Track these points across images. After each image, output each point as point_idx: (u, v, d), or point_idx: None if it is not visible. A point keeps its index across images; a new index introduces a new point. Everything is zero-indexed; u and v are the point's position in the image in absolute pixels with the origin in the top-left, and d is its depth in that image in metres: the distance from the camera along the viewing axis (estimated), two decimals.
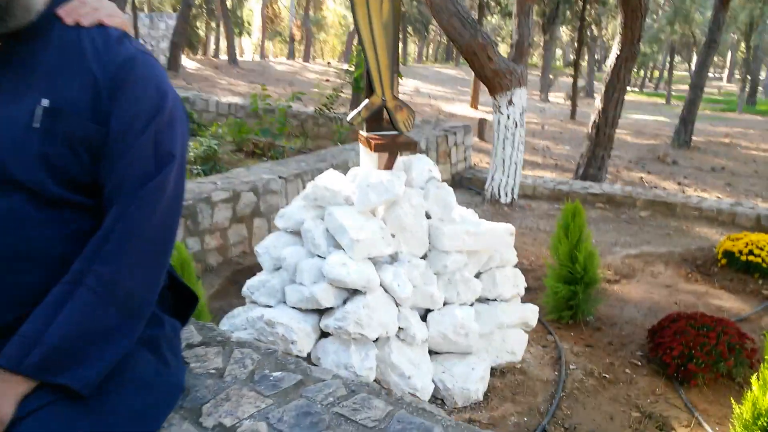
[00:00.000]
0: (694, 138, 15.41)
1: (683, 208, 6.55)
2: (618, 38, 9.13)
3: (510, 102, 6.71)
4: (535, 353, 3.67)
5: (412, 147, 3.38)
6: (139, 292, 1.22)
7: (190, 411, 1.38)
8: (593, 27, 21.14)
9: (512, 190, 6.87)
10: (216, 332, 1.78)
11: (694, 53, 37.52)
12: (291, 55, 37.65)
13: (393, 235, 3.24)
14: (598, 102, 9.40)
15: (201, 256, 4.71)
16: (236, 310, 3.60)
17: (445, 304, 3.31)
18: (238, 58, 29.95)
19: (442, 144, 7.66)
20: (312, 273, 3.12)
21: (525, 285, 3.61)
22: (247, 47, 48.53)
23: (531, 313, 3.50)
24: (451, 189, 3.43)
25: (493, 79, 6.61)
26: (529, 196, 7.33)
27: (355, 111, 3.40)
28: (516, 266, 3.66)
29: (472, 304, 3.38)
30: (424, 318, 3.27)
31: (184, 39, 21.19)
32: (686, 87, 39.07)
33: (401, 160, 3.53)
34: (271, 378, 1.54)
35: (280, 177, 5.43)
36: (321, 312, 3.15)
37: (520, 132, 6.83)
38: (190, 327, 1.78)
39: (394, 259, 3.27)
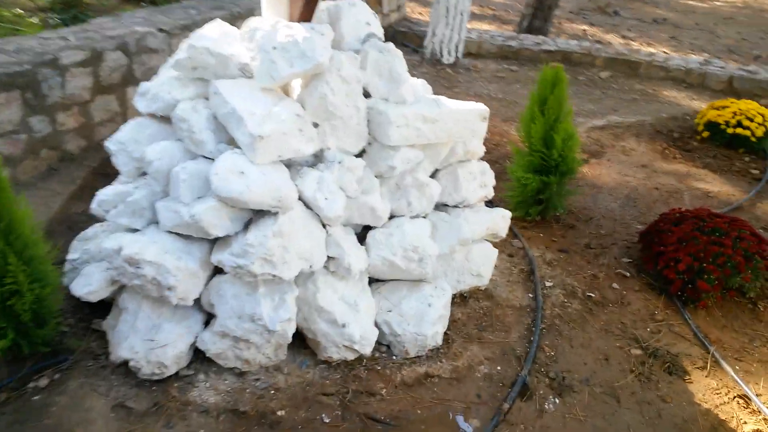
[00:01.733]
0: None
1: (648, 67, 5.73)
2: None
3: None
4: (501, 267, 2.88)
5: None
6: None
7: None
8: None
9: (456, 47, 5.76)
10: None
11: None
12: None
13: (315, 125, 2.19)
14: None
15: (54, 140, 3.48)
16: (92, 229, 2.53)
17: (391, 217, 2.38)
18: None
19: None
20: (193, 184, 2.06)
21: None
22: None
23: (502, 219, 2.64)
24: (399, 52, 2.34)
25: None
26: (473, 55, 6.25)
27: None
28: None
29: (425, 216, 2.47)
30: (362, 239, 2.35)
31: None
32: None
33: (325, 6, 2.38)
34: None
35: (160, 30, 4.06)
36: (213, 239, 2.15)
37: None
38: None
39: (318, 159, 2.25)
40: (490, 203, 2.90)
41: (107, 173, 3.31)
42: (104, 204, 2.24)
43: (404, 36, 6.70)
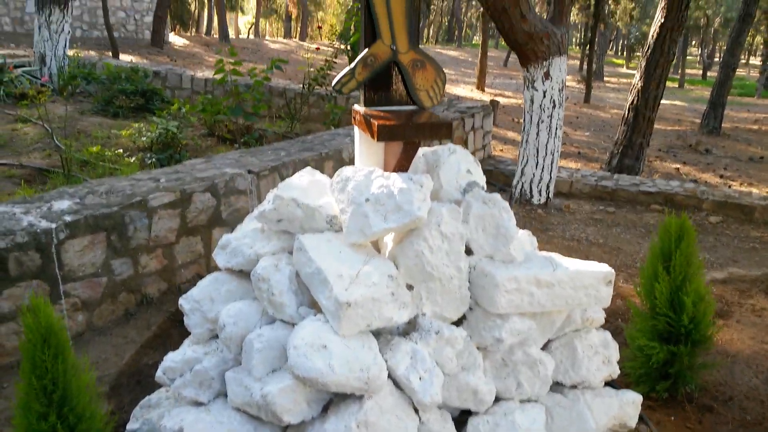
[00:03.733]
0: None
1: (763, 212, 5.19)
2: (662, 3, 7.72)
3: (546, 75, 5.32)
4: None
5: (443, 132, 2.00)
6: None
7: None
8: (610, 3, 19.58)
9: (547, 187, 5.50)
10: None
11: (703, 36, 35.99)
12: (287, 34, 35.97)
13: (410, 287, 1.89)
14: (636, 79, 7.99)
15: (134, 282, 3.37)
16: (156, 394, 2.25)
17: (497, 399, 1.97)
18: (232, 37, 28.41)
19: (458, 128, 6.27)
20: (268, 355, 1.76)
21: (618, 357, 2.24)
22: (243, 27, 46.83)
23: (632, 406, 2.15)
24: (505, 204, 2.06)
25: (526, 44, 5.20)
26: (564, 195, 5.96)
27: (346, 70, 2.02)
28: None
29: (537, 400, 2.04)
30: (459, 424, 1.93)
31: (169, 12, 19.62)
32: (696, 72, 37.58)
33: (422, 152, 2.17)
34: None
35: (249, 171, 4.06)
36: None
37: (559, 113, 5.44)
38: None
39: (411, 327, 1.92)
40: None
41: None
42: (170, 372, 1.97)
43: (490, 175, 6.54)
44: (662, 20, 7.62)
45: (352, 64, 2.00)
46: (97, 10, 17.52)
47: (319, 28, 17.46)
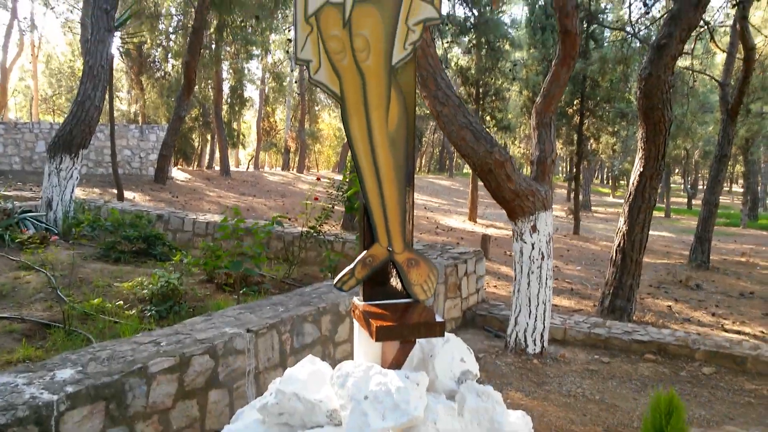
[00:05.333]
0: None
1: (755, 363, 5.24)
2: (640, 154, 8.27)
3: (534, 228, 5.60)
4: None
5: (436, 330, 2.13)
6: None
7: None
8: (591, 141, 20.80)
9: (541, 335, 5.58)
10: None
11: (684, 167, 37.73)
12: (286, 166, 37.51)
13: None
14: (621, 223, 8.34)
15: None
16: None
17: None
18: (232, 169, 29.65)
19: (452, 275, 6.45)
20: None
21: None
22: (243, 158, 48.94)
23: None
24: (498, 396, 2.15)
25: (513, 201, 5.54)
26: (559, 342, 6.02)
27: (347, 269, 2.20)
28: None
29: None
30: None
31: (173, 151, 20.62)
32: (681, 200, 38.95)
33: (418, 341, 2.29)
34: None
35: (248, 330, 4.15)
36: None
37: (548, 264, 5.65)
38: None
39: None
40: None
41: None
42: None
43: (484, 320, 6.64)
44: (641, 169, 8.12)
45: (352, 264, 2.18)
46: (103, 149, 18.44)
47: (318, 179, 18.41)
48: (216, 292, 6.21)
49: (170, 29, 28.10)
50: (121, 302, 5.53)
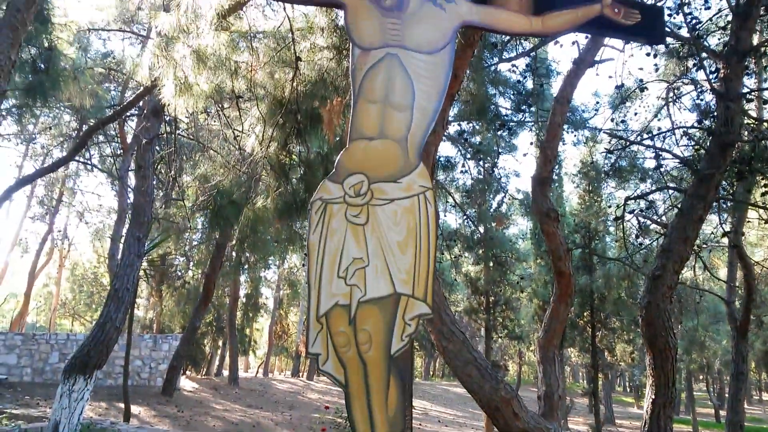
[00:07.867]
0: None
1: None
2: (650, 381, 8.22)
3: None
4: None
5: None
6: None
7: None
8: (606, 353, 20.59)
9: None
10: None
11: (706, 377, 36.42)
12: (296, 372, 36.85)
13: None
14: None
15: None
16: None
17: None
18: (241, 374, 29.18)
19: None
20: None
21: None
22: (254, 362, 48.34)
23: None
24: None
25: None
26: None
27: None
28: None
29: None
30: None
31: (185, 361, 20.61)
32: (708, 410, 36.89)
33: None
34: None
35: None
36: None
37: None
38: None
39: None
40: None
41: None
42: None
43: None
44: (653, 396, 8.00)
45: None
46: (115, 360, 18.44)
47: (326, 408, 18.18)
48: None
49: (194, 241, 29.78)
50: None
